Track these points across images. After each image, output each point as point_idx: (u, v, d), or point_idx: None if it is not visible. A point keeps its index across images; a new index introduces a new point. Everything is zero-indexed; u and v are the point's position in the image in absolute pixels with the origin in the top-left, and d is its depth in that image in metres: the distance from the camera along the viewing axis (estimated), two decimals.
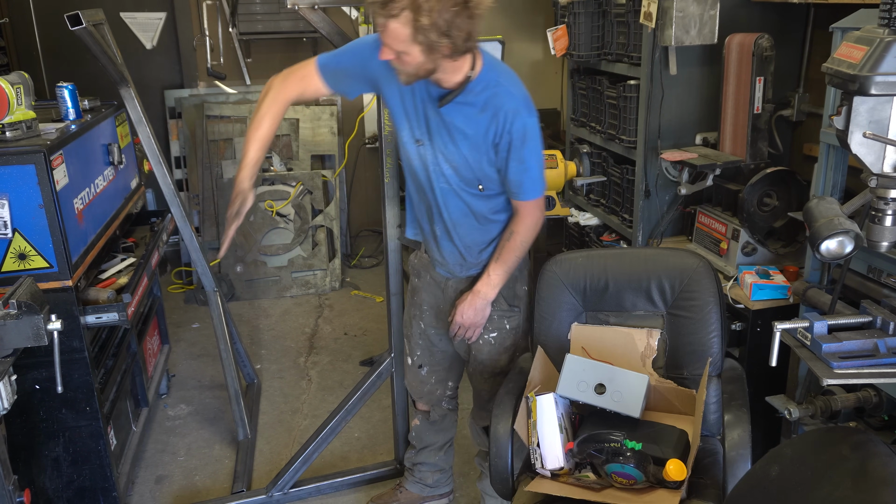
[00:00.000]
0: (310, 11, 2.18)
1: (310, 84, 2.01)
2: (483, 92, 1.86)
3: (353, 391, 2.60)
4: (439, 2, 1.64)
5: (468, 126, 1.89)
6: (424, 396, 2.40)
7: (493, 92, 1.86)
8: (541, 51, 4.74)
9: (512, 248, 2.03)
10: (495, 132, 1.87)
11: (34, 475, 2.30)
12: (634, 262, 2.06)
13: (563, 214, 2.89)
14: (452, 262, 2.12)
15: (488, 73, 1.87)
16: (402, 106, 1.96)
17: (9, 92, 2.13)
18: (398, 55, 1.74)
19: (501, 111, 1.85)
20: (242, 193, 1.98)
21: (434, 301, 2.24)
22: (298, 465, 2.59)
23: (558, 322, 2.07)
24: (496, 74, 1.88)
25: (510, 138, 1.87)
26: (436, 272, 2.19)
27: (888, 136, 1.61)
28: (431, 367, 2.35)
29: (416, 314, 2.29)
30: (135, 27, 4.61)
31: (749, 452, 1.67)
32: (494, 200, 2.02)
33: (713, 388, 1.92)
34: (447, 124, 1.91)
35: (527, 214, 2.00)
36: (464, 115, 1.88)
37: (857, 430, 1.33)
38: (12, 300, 1.66)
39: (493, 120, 1.86)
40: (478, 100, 1.86)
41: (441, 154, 1.95)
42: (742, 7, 2.62)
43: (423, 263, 2.24)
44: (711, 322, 1.95)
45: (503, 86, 1.87)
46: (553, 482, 1.80)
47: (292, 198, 4.40)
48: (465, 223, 2.04)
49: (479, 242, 2.07)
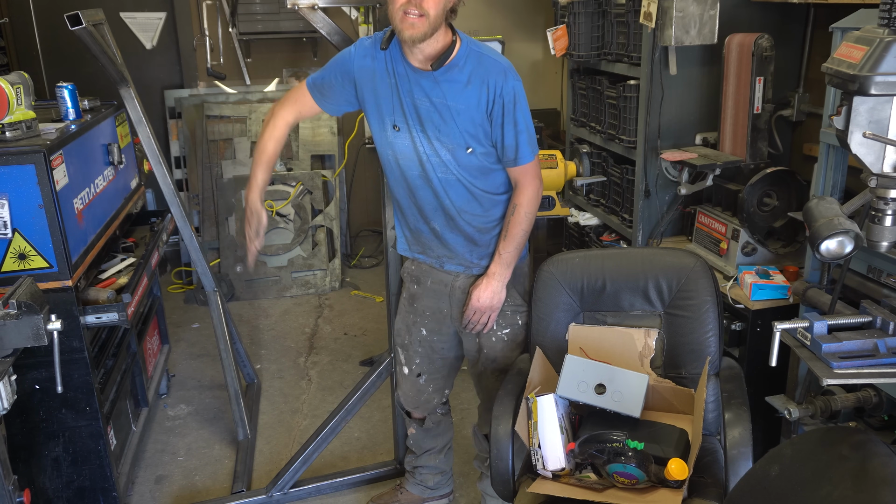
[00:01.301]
0: (310, 11, 2.19)
1: (304, 104, 2.13)
2: (466, 65, 1.91)
3: (352, 391, 2.60)
4: None
5: (459, 101, 1.92)
6: (420, 406, 2.38)
7: (477, 63, 1.92)
8: (541, 51, 4.74)
9: (517, 221, 2.03)
10: (487, 100, 1.91)
11: (34, 475, 2.30)
12: (631, 261, 2.06)
13: (562, 214, 2.89)
14: (462, 249, 2.10)
15: (468, 47, 1.94)
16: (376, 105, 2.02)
17: (9, 92, 2.13)
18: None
19: (490, 78, 1.90)
20: (258, 213, 2.12)
21: (437, 306, 2.21)
22: (298, 465, 2.59)
23: (556, 323, 2.06)
24: (476, 47, 1.95)
25: (502, 102, 1.91)
26: (439, 276, 2.17)
27: (888, 136, 1.61)
28: (430, 376, 2.32)
29: (417, 321, 2.26)
30: (135, 27, 4.61)
31: (750, 450, 1.67)
32: (494, 179, 2.04)
33: (711, 387, 1.92)
34: (437, 106, 1.93)
35: (527, 183, 2.01)
36: (452, 92, 1.92)
37: (857, 430, 1.33)
38: (12, 300, 1.66)
39: (483, 88, 1.91)
40: (462, 74, 1.91)
41: (437, 141, 1.97)
42: (742, 7, 2.62)
43: (421, 270, 2.21)
44: (709, 321, 1.95)
45: (485, 55, 1.93)
46: (555, 483, 1.80)
47: (292, 198, 4.40)
48: (469, 209, 2.05)
49: (487, 222, 2.08)
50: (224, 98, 4.62)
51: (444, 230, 2.09)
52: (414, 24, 1.81)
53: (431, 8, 1.80)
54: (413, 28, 1.82)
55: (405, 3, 1.80)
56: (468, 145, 1.96)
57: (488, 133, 1.96)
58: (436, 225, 2.09)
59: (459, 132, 1.95)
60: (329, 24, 2.24)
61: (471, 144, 1.96)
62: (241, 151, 4.54)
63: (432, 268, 2.18)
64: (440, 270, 2.17)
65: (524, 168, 2.00)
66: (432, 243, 2.14)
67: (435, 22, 1.83)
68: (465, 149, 1.96)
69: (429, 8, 1.80)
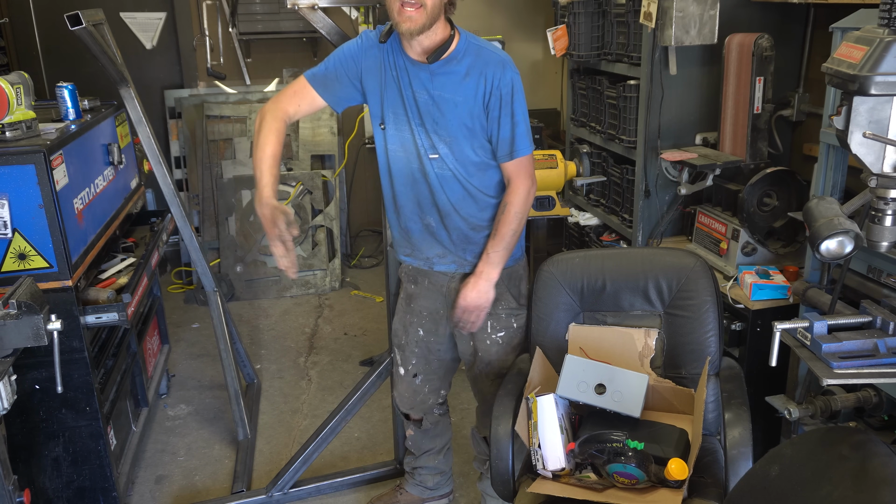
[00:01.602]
0: (310, 11, 2.18)
1: (304, 97, 2.04)
2: (465, 58, 1.94)
3: (352, 391, 2.59)
4: None
5: (457, 94, 1.94)
6: (417, 406, 2.37)
7: (475, 56, 1.94)
8: (541, 51, 4.74)
9: (507, 220, 2.01)
10: (485, 91, 1.93)
11: (34, 475, 2.30)
12: (632, 261, 2.06)
13: (562, 214, 2.89)
14: (455, 246, 2.09)
15: (466, 40, 1.97)
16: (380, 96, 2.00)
17: (9, 92, 2.13)
18: None
19: (488, 69, 1.92)
20: (280, 209, 1.88)
21: (434, 306, 2.20)
22: (298, 465, 2.59)
23: (556, 323, 2.06)
24: (475, 40, 1.98)
25: (500, 94, 1.92)
26: (436, 275, 2.17)
27: (888, 136, 1.61)
28: (426, 376, 2.31)
29: (414, 321, 2.24)
30: (135, 27, 4.61)
31: (750, 450, 1.67)
32: (490, 178, 2.04)
33: (711, 387, 1.92)
34: (436, 99, 1.95)
35: (520, 182, 2.00)
36: (451, 84, 1.94)
37: (857, 430, 1.33)
38: (12, 300, 1.66)
39: (481, 80, 1.93)
40: (461, 67, 1.94)
41: (435, 134, 1.97)
42: (742, 7, 2.62)
43: (418, 270, 2.20)
44: (709, 321, 1.95)
45: (483, 48, 1.96)
46: (555, 483, 1.80)
47: (292, 198, 4.40)
48: (464, 206, 2.05)
49: (481, 220, 2.07)
50: (224, 98, 4.62)
51: (439, 226, 2.08)
52: (412, 17, 1.82)
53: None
54: (411, 21, 1.83)
55: None
56: (465, 139, 1.97)
57: (485, 126, 1.97)
58: (430, 220, 2.08)
59: (457, 125, 1.95)
60: (329, 23, 2.24)
61: (468, 138, 1.97)
62: (241, 151, 4.54)
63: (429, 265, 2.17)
64: (432, 272, 2.16)
65: (519, 163, 1.99)
66: (423, 243, 2.13)
67: (432, 12, 1.84)
68: (462, 142, 1.97)
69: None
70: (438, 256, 2.13)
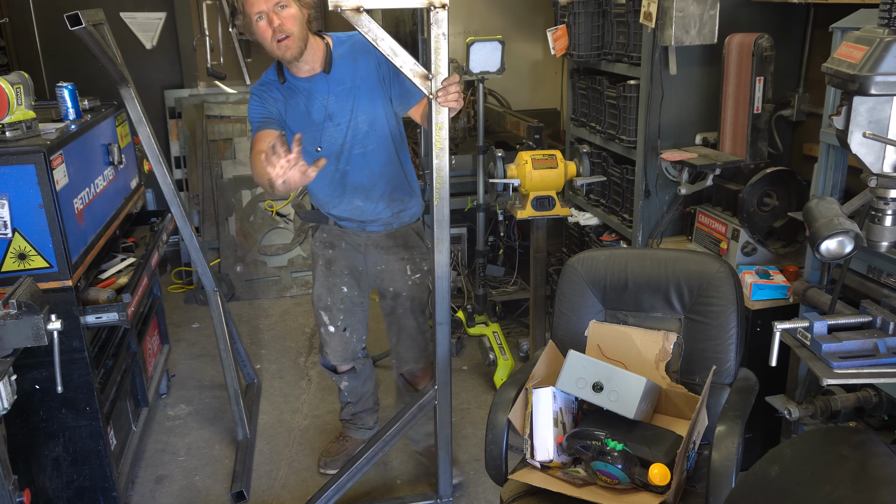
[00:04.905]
0: (354, 14, 1.92)
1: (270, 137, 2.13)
2: (342, 47, 2.31)
3: (391, 421, 2.40)
4: None
5: (356, 78, 2.29)
6: (349, 356, 2.65)
7: (350, 43, 2.31)
8: (541, 51, 4.74)
9: None
10: (376, 63, 2.27)
11: (34, 475, 2.30)
12: (655, 263, 2.03)
13: (562, 214, 2.88)
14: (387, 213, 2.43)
15: (336, 38, 2.33)
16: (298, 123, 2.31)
17: (9, 92, 2.13)
18: (280, 15, 2.11)
19: (361, 44, 2.25)
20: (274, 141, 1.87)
21: (353, 264, 2.54)
22: (331, 494, 2.43)
23: (577, 318, 2.07)
24: (339, 35, 2.34)
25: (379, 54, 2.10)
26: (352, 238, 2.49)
27: (888, 136, 1.61)
28: (353, 328, 2.62)
29: (337, 282, 2.55)
30: (135, 27, 4.61)
31: (734, 465, 1.63)
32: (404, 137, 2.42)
33: (723, 397, 1.89)
34: (344, 92, 2.28)
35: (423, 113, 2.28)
36: (349, 74, 2.29)
37: (857, 430, 1.33)
38: (12, 300, 1.66)
39: (365, 55, 2.28)
40: (345, 56, 2.30)
41: (354, 120, 2.30)
42: (742, 7, 2.63)
43: (334, 234, 2.51)
44: (729, 329, 1.90)
45: (351, 35, 2.30)
46: (539, 473, 1.81)
47: (292, 198, 4.40)
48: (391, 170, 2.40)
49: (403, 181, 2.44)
50: (224, 98, 4.62)
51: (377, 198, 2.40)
52: (288, 46, 2.16)
53: (291, 26, 2.13)
54: (288, 49, 2.16)
55: (271, 33, 2.13)
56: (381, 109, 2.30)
57: (388, 92, 2.31)
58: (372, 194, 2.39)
59: (370, 102, 2.29)
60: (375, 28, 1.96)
61: (383, 107, 2.31)
62: (241, 151, 4.54)
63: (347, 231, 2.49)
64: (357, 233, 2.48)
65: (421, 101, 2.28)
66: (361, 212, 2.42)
67: (301, 35, 2.16)
68: (379, 113, 2.31)
69: (289, 27, 2.13)
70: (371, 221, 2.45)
